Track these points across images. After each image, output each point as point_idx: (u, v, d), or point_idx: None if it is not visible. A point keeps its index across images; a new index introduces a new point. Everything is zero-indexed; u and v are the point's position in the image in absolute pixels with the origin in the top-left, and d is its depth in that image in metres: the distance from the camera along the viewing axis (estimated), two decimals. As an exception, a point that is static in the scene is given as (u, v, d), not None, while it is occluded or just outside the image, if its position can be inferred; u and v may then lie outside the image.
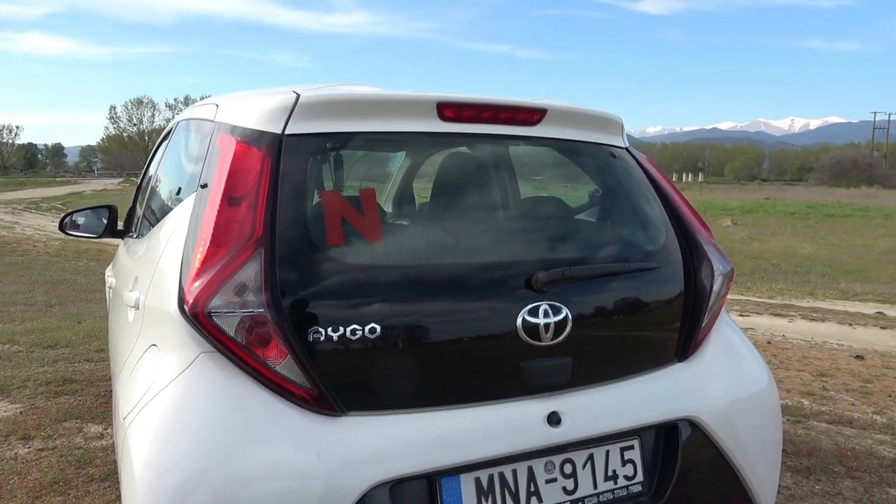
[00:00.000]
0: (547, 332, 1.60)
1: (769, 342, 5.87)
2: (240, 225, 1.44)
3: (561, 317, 1.62)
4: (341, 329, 1.43)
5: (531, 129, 1.85)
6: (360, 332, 1.44)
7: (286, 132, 1.57)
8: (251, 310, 1.38)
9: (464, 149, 2.04)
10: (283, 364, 1.41)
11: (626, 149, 2.10)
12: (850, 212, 22.74)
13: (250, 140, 1.58)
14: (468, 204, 1.82)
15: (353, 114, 1.63)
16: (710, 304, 1.92)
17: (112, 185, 47.10)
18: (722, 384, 1.91)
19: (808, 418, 4.00)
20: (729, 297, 8.00)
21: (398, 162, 2.00)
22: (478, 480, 1.54)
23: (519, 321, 1.58)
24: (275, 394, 1.41)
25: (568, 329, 1.63)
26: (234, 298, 1.38)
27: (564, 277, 1.62)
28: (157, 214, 2.21)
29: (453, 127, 1.73)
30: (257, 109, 1.63)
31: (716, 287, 1.93)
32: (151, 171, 2.96)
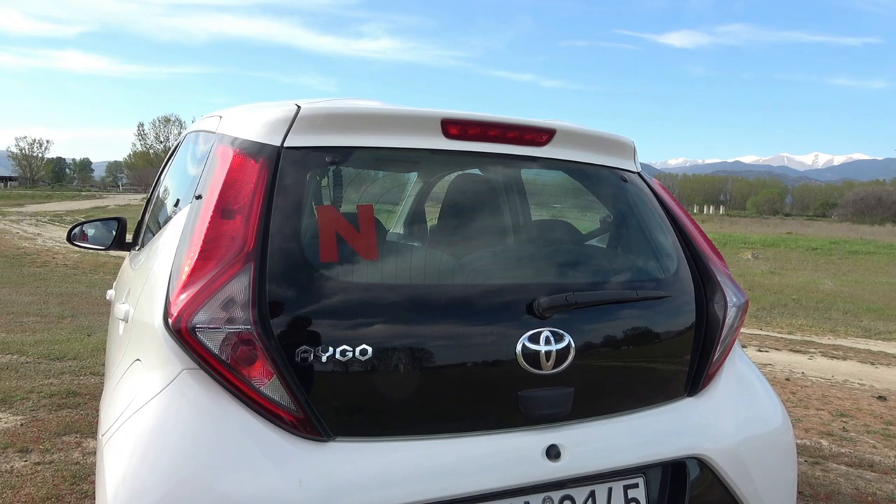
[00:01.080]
0: (548, 360, 1.53)
1: (788, 379, 5.70)
2: (231, 238, 1.40)
3: (563, 345, 1.55)
4: (331, 350, 1.37)
5: (539, 149, 1.79)
6: (351, 354, 1.38)
7: (285, 145, 1.53)
8: (237, 326, 1.33)
9: (476, 170, 1.99)
10: (269, 385, 1.35)
11: (639, 173, 2.04)
12: (874, 249, 22.36)
13: (248, 152, 1.54)
14: (473, 226, 1.77)
15: (354, 128, 1.59)
16: (722, 336, 1.83)
17: (136, 199, 47.78)
18: (733, 421, 1.82)
19: (827, 460, 3.85)
20: (747, 331, 7.85)
21: (404, 180, 1.95)
22: None
23: (519, 348, 1.51)
24: (258, 415, 1.35)
25: (570, 358, 1.56)
26: (219, 314, 1.32)
27: (568, 303, 1.55)
28: (158, 226, 2.18)
29: (458, 145, 1.68)
30: (257, 121, 1.60)
31: (729, 319, 1.85)
32: (160, 182, 2.95)
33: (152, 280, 1.54)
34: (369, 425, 1.42)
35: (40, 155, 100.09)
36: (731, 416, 1.83)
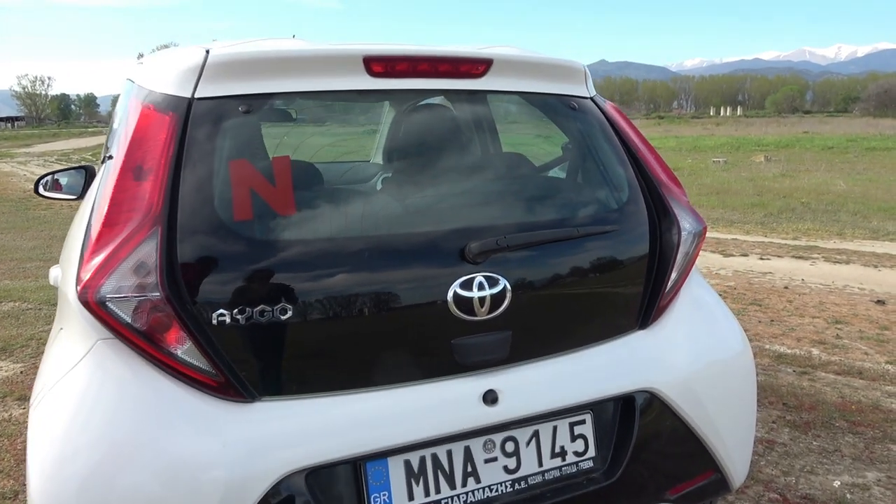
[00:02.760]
0: (482, 306, 1.49)
1: (786, 287, 5.67)
2: (138, 201, 1.35)
3: (498, 289, 1.51)
4: (248, 310, 1.34)
5: (477, 81, 1.69)
6: (270, 314, 1.35)
7: (196, 96, 1.45)
8: (147, 294, 1.30)
9: (419, 107, 1.90)
10: (185, 350, 1.33)
11: (591, 98, 1.93)
12: (893, 145, 21.75)
13: (157, 106, 1.47)
14: (402, 169, 1.70)
15: (270, 73, 1.50)
16: (675, 265, 1.78)
17: (142, 134, 47.41)
18: (685, 351, 1.79)
19: (816, 369, 3.86)
20: (751, 239, 7.77)
21: (326, 126, 1.86)
22: (408, 463, 1.47)
23: (450, 295, 1.47)
24: (178, 381, 1.34)
25: (507, 302, 1.52)
26: (127, 282, 1.29)
27: (499, 247, 1.50)
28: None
29: (386, 83, 1.59)
30: (166, 71, 1.52)
31: (683, 248, 1.79)
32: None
33: (69, 245, 1.51)
34: (296, 383, 1.41)
35: (44, 92, 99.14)
36: (683, 345, 1.80)
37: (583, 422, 1.65)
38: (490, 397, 1.51)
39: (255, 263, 1.36)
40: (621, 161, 1.84)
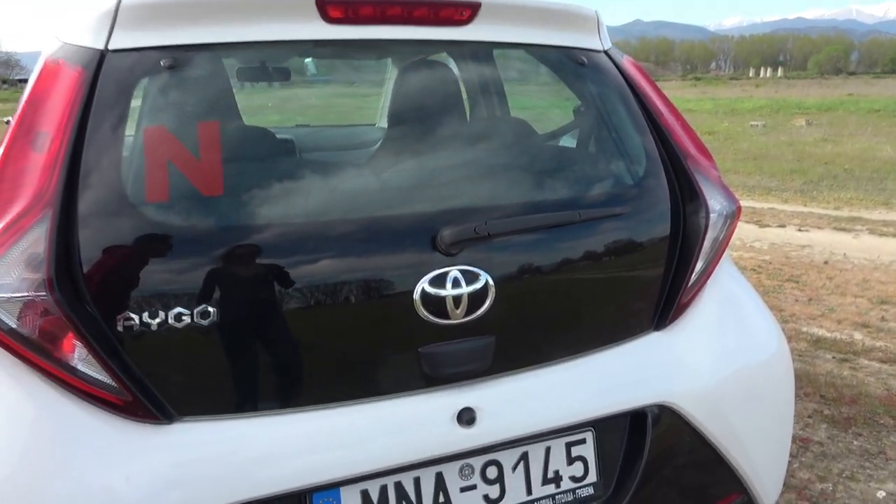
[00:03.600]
0: (457, 306, 1.22)
1: (826, 262, 5.28)
2: (28, 176, 1.09)
3: (478, 286, 1.24)
4: (162, 314, 1.09)
5: (461, 30, 1.39)
6: (189, 318, 1.10)
7: (109, 47, 1.19)
8: (34, 292, 1.05)
9: (411, 63, 1.61)
10: (83, 362, 1.09)
11: (605, 52, 1.61)
12: (945, 107, 20.62)
13: (65, 59, 1.20)
14: (391, 138, 1.42)
15: (199, 17, 1.22)
16: (701, 254, 1.49)
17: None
18: (712, 356, 1.51)
19: (859, 355, 3.52)
20: (790, 209, 7.31)
21: (273, 83, 1.57)
22: (365, 494, 1.22)
23: (416, 294, 1.20)
24: (77, 400, 1.10)
25: (489, 301, 1.25)
26: (9, 278, 1.05)
27: (478, 236, 1.22)
28: None
29: (347, 32, 1.30)
30: (79, 17, 1.25)
31: (711, 233, 1.49)
32: None
33: None
34: (224, 401, 1.17)
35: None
36: (707, 349, 1.51)
37: (582, 441, 1.39)
38: (466, 417, 1.25)
39: (171, 256, 1.11)
40: (639, 128, 1.54)
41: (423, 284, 1.20)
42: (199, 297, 1.10)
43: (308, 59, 2.06)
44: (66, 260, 1.07)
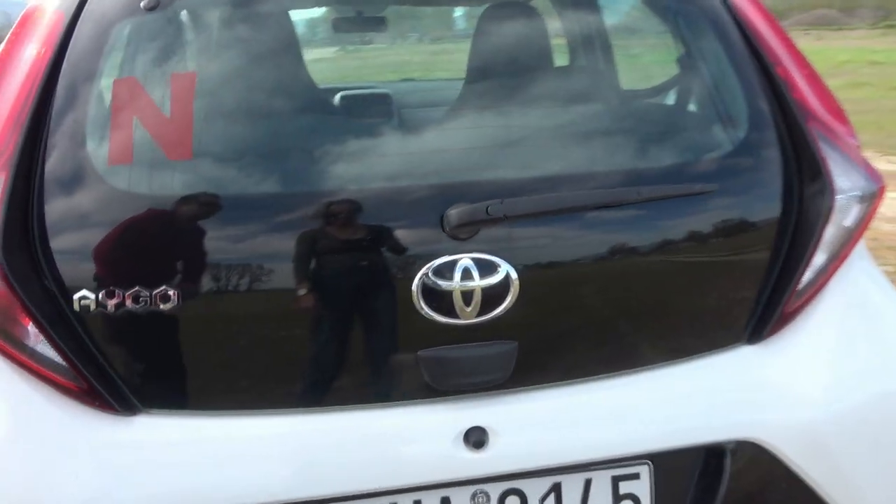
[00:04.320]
0: (469, 303, 0.98)
1: None
2: None
3: (496, 279, 0.99)
4: (118, 294, 0.95)
5: None
6: (147, 299, 0.95)
7: None
8: None
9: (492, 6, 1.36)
10: (36, 345, 0.98)
11: None
12: None
13: (41, 4, 1.09)
14: (469, 94, 1.19)
15: None
16: (817, 247, 1.13)
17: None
18: (826, 381, 1.16)
19: None
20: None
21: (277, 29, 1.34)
22: None
23: (415, 285, 0.98)
24: (36, 383, 1.00)
25: (511, 298, 1.00)
26: None
27: (491, 218, 0.96)
28: None
29: None
30: None
31: (837, 220, 1.13)
32: None
33: None
34: (194, 395, 1.02)
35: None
36: (820, 371, 1.16)
37: (634, 476, 1.11)
38: (474, 438, 1.01)
39: (131, 228, 0.97)
40: (744, 78, 1.18)
41: (424, 274, 0.97)
42: (161, 276, 0.96)
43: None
44: (16, 229, 0.96)
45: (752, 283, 1.14)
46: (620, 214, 1.07)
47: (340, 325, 1.02)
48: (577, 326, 1.08)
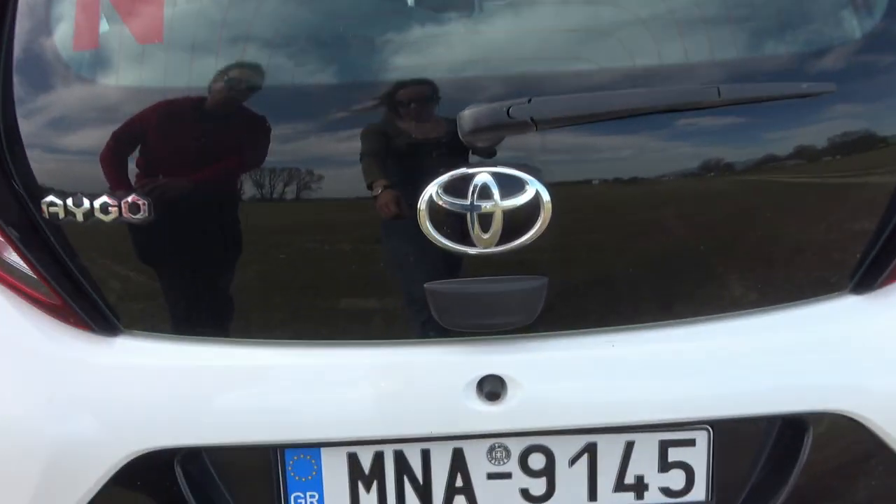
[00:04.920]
0: (487, 229, 0.80)
1: None
2: None
3: (522, 199, 0.80)
4: (86, 203, 0.84)
5: None
6: (116, 210, 0.83)
7: None
8: None
9: None
10: (5, 253, 0.89)
11: None
12: None
13: None
14: None
15: None
16: None
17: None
18: None
19: None
20: None
21: None
22: (353, 458, 0.92)
23: (422, 202, 0.80)
24: (10, 298, 0.92)
25: (541, 223, 0.80)
26: None
27: (512, 123, 0.75)
28: None
29: None
30: None
31: None
32: None
33: None
34: (177, 319, 0.91)
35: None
36: None
37: (689, 443, 0.92)
38: (488, 388, 0.85)
39: (100, 123, 0.84)
40: None
41: (433, 190, 0.79)
42: (130, 182, 0.83)
43: None
44: None
45: (868, 218, 0.89)
46: (698, 122, 0.84)
47: (339, 246, 0.87)
48: (625, 262, 0.88)
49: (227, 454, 0.93)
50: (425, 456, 0.92)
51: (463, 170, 0.79)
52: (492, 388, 0.85)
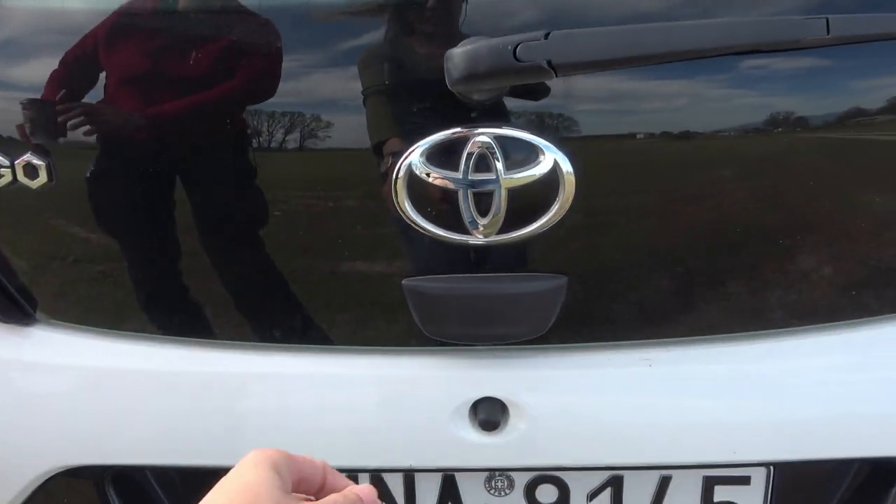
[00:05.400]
0: (485, 211, 0.59)
1: None
2: None
3: (536, 172, 0.59)
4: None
5: None
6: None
7: None
8: None
9: None
10: None
11: None
12: None
13: None
14: None
15: None
16: None
17: None
18: None
19: None
20: None
21: None
22: None
23: (399, 175, 0.59)
24: None
25: (561, 204, 0.59)
26: None
27: (524, 68, 0.52)
28: None
29: None
30: None
31: None
32: None
33: None
34: (102, 310, 0.73)
35: None
36: None
37: (743, 481, 0.73)
38: (483, 415, 0.66)
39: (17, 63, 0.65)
40: None
41: (413, 157, 0.58)
42: (38, 137, 0.64)
43: None
44: None
45: None
46: (770, 70, 0.60)
47: (294, 225, 0.67)
48: (670, 254, 0.66)
49: (172, 471, 0.76)
50: (409, 482, 0.74)
51: (453, 130, 0.58)
52: (488, 414, 0.66)
